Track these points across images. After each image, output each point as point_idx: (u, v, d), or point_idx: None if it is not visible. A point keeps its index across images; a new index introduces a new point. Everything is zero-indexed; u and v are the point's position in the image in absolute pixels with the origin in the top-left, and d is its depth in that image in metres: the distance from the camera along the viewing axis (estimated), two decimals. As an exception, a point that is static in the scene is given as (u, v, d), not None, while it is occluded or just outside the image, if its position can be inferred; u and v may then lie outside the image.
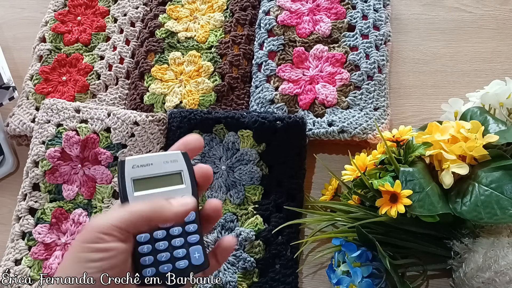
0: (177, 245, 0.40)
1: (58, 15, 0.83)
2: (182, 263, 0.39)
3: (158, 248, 0.40)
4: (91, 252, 0.35)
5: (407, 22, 0.77)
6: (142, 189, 0.40)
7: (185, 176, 0.41)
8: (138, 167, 0.40)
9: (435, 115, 0.68)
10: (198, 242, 0.40)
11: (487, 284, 0.50)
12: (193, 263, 0.40)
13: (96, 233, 0.35)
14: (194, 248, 0.40)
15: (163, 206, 0.38)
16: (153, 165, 0.41)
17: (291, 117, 0.65)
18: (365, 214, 0.55)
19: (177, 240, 0.40)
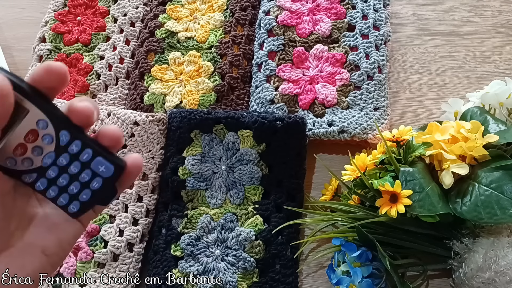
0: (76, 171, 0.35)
1: (58, 15, 0.83)
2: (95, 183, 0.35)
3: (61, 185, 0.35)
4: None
5: (407, 22, 0.77)
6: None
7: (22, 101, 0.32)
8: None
9: (435, 115, 0.68)
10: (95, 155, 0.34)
11: (487, 284, 0.50)
12: (105, 177, 0.35)
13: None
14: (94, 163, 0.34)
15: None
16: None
17: (291, 117, 0.65)
18: (365, 214, 0.55)
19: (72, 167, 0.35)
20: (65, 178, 0.35)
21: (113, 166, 0.35)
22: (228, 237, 0.63)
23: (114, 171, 0.35)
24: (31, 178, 0.35)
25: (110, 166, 0.35)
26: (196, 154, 0.67)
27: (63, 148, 0.34)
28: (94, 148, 0.34)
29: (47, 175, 0.35)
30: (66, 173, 0.35)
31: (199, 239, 0.63)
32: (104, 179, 0.35)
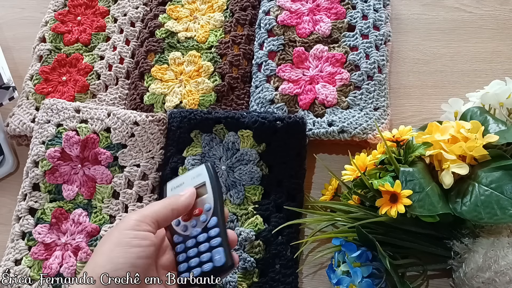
0: (203, 250, 0.46)
1: (58, 15, 0.83)
2: (206, 266, 0.45)
3: (189, 255, 0.47)
4: (133, 238, 0.42)
5: (407, 22, 0.77)
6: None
7: (208, 185, 0.49)
8: (175, 188, 0.51)
9: (435, 115, 0.68)
10: (220, 245, 0.45)
11: (487, 284, 0.50)
12: (215, 265, 0.45)
13: (134, 220, 0.44)
14: (216, 250, 0.45)
15: (177, 198, 0.49)
16: (184, 184, 0.51)
17: (291, 117, 0.65)
18: (365, 214, 0.55)
19: (203, 245, 0.46)
20: (194, 251, 0.47)
21: (225, 260, 0.45)
22: (228, 237, 0.63)
23: (223, 264, 0.44)
24: (178, 240, 0.49)
25: (223, 259, 0.45)
26: (196, 154, 0.67)
27: (207, 229, 0.47)
28: (223, 240, 0.46)
29: (187, 243, 0.48)
30: (197, 248, 0.47)
31: (199, 239, 0.63)
32: (214, 266, 0.45)
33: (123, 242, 0.42)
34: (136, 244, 0.42)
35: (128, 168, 0.68)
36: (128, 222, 0.44)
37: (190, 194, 0.49)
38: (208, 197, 0.49)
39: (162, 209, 0.47)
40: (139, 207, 0.66)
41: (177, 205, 0.48)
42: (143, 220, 0.44)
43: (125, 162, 0.68)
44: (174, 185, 0.51)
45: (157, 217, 0.46)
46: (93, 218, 0.67)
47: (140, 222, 0.44)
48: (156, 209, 0.46)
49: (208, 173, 0.50)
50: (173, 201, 0.48)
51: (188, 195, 0.49)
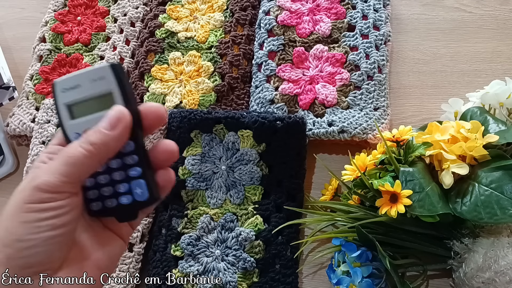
0: (118, 179, 0.37)
1: (58, 15, 0.83)
2: (124, 199, 0.37)
3: (100, 181, 0.37)
4: (39, 211, 0.32)
5: (407, 22, 0.77)
6: (77, 116, 0.37)
7: (117, 97, 0.35)
8: (67, 90, 0.36)
9: (435, 115, 0.68)
10: (140, 176, 0.36)
11: (487, 284, 0.50)
12: (136, 199, 0.36)
13: (45, 193, 0.32)
14: (136, 182, 0.36)
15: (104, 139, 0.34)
16: (81, 87, 0.36)
17: (291, 117, 0.65)
18: (365, 214, 0.55)
19: (117, 173, 0.37)
20: (105, 178, 0.37)
21: (148, 195, 0.36)
22: (228, 237, 0.63)
23: (146, 199, 0.36)
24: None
25: (146, 193, 0.36)
26: (196, 154, 0.67)
27: (121, 154, 0.36)
28: (144, 169, 0.36)
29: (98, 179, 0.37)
30: (108, 175, 0.37)
31: (199, 239, 0.63)
32: (134, 200, 0.37)
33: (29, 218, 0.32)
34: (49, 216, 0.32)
35: (128, 168, 0.68)
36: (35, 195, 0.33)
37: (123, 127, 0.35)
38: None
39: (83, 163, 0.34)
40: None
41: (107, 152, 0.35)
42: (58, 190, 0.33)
43: (125, 162, 0.68)
44: (65, 86, 0.36)
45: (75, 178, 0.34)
46: (93, 218, 0.67)
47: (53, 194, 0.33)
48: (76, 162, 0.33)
49: (115, 78, 0.35)
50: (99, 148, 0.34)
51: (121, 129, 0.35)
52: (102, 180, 0.37)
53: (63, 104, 0.36)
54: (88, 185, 0.37)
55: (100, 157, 0.35)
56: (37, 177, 0.33)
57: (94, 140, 0.34)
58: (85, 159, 0.34)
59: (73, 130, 0.36)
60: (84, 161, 0.34)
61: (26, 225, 0.32)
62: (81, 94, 0.36)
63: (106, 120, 0.34)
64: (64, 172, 0.33)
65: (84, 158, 0.34)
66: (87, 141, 0.34)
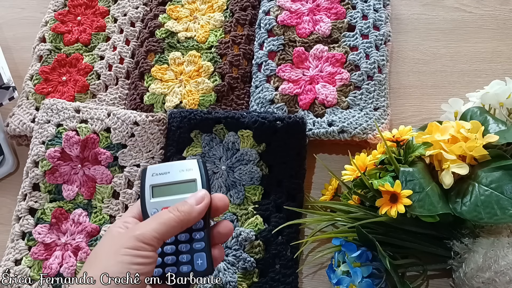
0: (183, 250, 0.43)
1: (58, 15, 0.83)
2: (185, 268, 0.43)
3: (166, 251, 0.43)
4: (135, 257, 0.40)
5: (407, 22, 0.77)
6: (158, 195, 0.45)
7: (199, 183, 0.45)
8: (157, 175, 0.45)
9: (435, 115, 0.68)
10: (203, 249, 0.43)
11: (487, 284, 0.50)
12: (195, 269, 0.42)
13: (140, 242, 0.40)
14: (198, 254, 0.43)
15: (190, 210, 0.43)
16: (170, 173, 0.45)
17: (291, 117, 0.65)
18: (365, 214, 0.55)
19: (183, 245, 0.43)
20: (172, 249, 0.44)
21: (206, 266, 0.43)
22: (228, 237, 0.63)
23: (204, 270, 0.43)
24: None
25: (205, 264, 0.43)
26: (196, 154, 0.67)
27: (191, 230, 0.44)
28: (206, 245, 0.43)
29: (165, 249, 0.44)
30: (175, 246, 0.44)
31: (199, 239, 0.63)
32: (193, 269, 0.43)
33: (125, 260, 0.40)
34: (138, 263, 0.40)
35: (128, 168, 0.68)
36: (134, 243, 0.41)
37: (203, 197, 0.44)
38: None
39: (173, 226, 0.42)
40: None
41: (192, 217, 0.43)
42: (149, 242, 0.41)
43: (125, 162, 0.68)
44: (156, 171, 0.45)
45: (165, 235, 0.42)
46: (93, 218, 0.67)
47: (145, 244, 0.41)
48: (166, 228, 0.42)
49: (200, 170, 0.45)
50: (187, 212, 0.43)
51: (201, 198, 0.44)
52: (168, 250, 0.44)
53: (149, 186, 0.45)
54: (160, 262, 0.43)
55: (184, 223, 0.43)
56: (137, 229, 0.41)
57: (183, 209, 0.43)
58: (173, 222, 0.42)
59: (153, 206, 0.44)
60: (172, 223, 0.42)
61: (121, 265, 0.39)
62: (168, 179, 0.45)
63: (193, 197, 0.44)
64: (156, 230, 0.41)
65: (172, 221, 0.42)
66: (177, 208, 0.43)
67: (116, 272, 0.39)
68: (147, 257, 0.41)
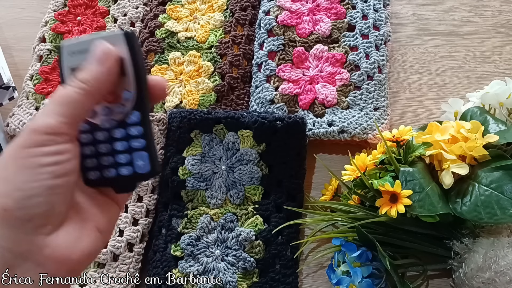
0: (119, 149, 0.36)
1: (58, 15, 0.83)
2: (125, 170, 0.36)
3: (100, 150, 0.36)
4: (40, 156, 0.30)
5: (407, 22, 0.77)
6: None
7: (127, 63, 0.34)
8: (75, 54, 0.35)
9: (435, 115, 0.68)
10: (144, 148, 0.35)
11: (487, 284, 0.50)
12: (137, 171, 0.36)
13: (43, 135, 0.31)
14: (138, 154, 0.36)
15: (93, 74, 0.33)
16: (90, 51, 0.34)
17: (291, 117, 0.65)
18: (365, 214, 0.55)
19: (119, 143, 0.36)
20: (106, 148, 0.36)
21: (150, 169, 0.36)
22: (228, 237, 0.63)
23: (147, 172, 0.36)
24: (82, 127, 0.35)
25: (148, 166, 0.36)
26: (196, 154, 0.67)
27: (125, 124, 0.35)
28: (148, 142, 0.36)
29: (95, 134, 0.36)
30: (109, 144, 0.36)
31: (199, 239, 0.63)
32: (134, 172, 0.36)
33: (28, 164, 0.30)
34: (47, 163, 0.30)
35: (128, 168, 0.68)
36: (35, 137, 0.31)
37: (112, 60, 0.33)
38: (127, 81, 0.35)
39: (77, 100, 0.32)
40: (139, 207, 0.66)
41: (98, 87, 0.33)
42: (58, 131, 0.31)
43: (125, 162, 0.68)
44: (74, 49, 0.35)
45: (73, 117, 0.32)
46: (93, 218, 0.67)
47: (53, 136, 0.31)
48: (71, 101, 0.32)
49: (127, 44, 0.34)
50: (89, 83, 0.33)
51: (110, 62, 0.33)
52: (102, 149, 0.36)
53: (68, 68, 0.35)
54: (87, 153, 0.36)
55: (94, 94, 0.33)
56: (34, 120, 0.31)
57: (85, 77, 0.33)
58: (80, 97, 0.32)
59: None
60: (79, 98, 0.32)
61: (26, 171, 0.30)
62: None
63: (93, 57, 0.33)
64: (61, 112, 0.32)
65: (78, 96, 0.32)
66: (79, 79, 0.33)
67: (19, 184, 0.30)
68: (60, 152, 0.31)
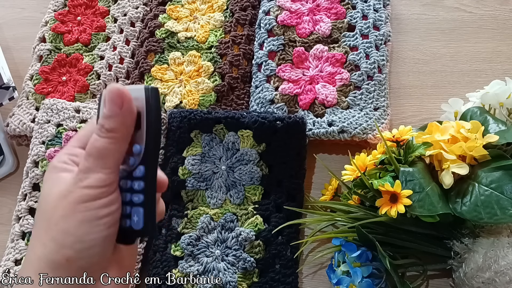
0: (124, 200, 0.36)
1: (58, 15, 0.83)
2: (124, 221, 0.36)
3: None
4: (97, 208, 0.33)
5: (407, 22, 0.77)
6: None
7: (143, 118, 0.35)
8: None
9: (435, 115, 0.68)
10: (141, 204, 0.35)
11: (487, 284, 0.50)
12: (131, 225, 0.36)
13: (97, 189, 0.33)
14: (136, 209, 0.35)
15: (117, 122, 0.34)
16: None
17: (291, 117, 0.65)
18: (365, 214, 0.55)
19: (124, 194, 0.36)
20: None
21: (142, 226, 0.35)
22: (228, 237, 0.63)
23: (140, 229, 0.35)
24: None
25: (141, 223, 0.35)
26: (196, 154, 0.67)
27: (132, 177, 0.36)
28: (146, 199, 0.35)
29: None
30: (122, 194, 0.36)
31: (199, 239, 0.63)
32: (130, 226, 0.36)
33: (88, 217, 0.33)
34: (104, 214, 0.34)
35: (128, 168, 0.68)
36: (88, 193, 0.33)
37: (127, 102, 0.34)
38: (140, 135, 0.35)
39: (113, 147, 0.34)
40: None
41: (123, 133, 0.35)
42: (106, 183, 0.34)
43: (125, 162, 0.68)
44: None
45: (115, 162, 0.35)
46: (93, 218, 0.67)
47: (103, 188, 0.34)
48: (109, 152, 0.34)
49: (146, 99, 0.35)
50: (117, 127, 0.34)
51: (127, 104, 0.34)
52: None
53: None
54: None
55: (124, 139, 0.35)
56: (84, 178, 0.34)
57: (113, 126, 0.34)
58: (114, 146, 0.34)
59: None
60: (114, 147, 0.34)
61: (85, 224, 0.33)
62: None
63: (110, 102, 0.34)
64: (105, 165, 0.34)
65: (112, 145, 0.34)
66: (106, 129, 0.34)
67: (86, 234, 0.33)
68: (111, 203, 0.34)
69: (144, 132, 0.35)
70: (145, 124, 0.35)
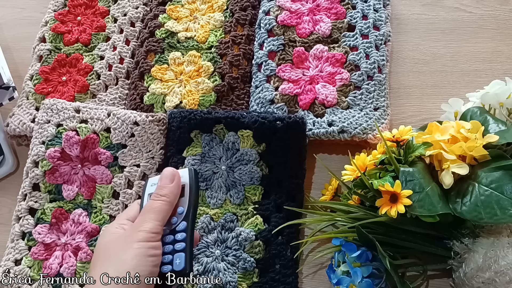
0: (166, 251, 0.46)
1: (58, 15, 0.83)
2: (165, 268, 0.45)
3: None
4: (148, 248, 0.44)
5: (407, 22, 0.77)
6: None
7: (186, 189, 0.49)
8: (154, 184, 0.50)
9: (435, 115, 0.68)
10: (183, 250, 0.46)
11: (487, 284, 0.50)
12: (174, 268, 0.45)
13: (150, 233, 0.45)
14: (178, 255, 0.46)
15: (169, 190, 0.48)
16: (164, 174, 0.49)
17: (291, 117, 0.65)
18: (365, 214, 0.55)
19: (167, 247, 0.46)
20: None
21: (184, 266, 0.45)
22: (228, 237, 0.63)
23: (182, 269, 0.45)
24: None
25: (183, 264, 0.45)
26: (196, 154, 0.67)
27: (174, 231, 0.47)
28: (187, 246, 0.46)
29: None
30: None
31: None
32: (172, 269, 0.45)
33: (141, 252, 0.44)
34: (152, 254, 0.45)
35: (128, 168, 0.68)
36: (144, 235, 0.45)
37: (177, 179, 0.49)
38: (183, 201, 0.49)
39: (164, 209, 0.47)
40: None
41: (173, 200, 0.48)
42: (156, 231, 0.46)
43: (125, 162, 0.68)
44: (154, 182, 0.50)
45: (163, 222, 0.47)
46: (93, 218, 0.67)
47: (152, 234, 0.45)
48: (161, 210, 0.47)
49: (189, 176, 0.50)
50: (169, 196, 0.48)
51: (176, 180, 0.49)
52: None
53: (147, 194, 0.49)
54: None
55: (172, 203, 0.48)
56: (140, 226, 0.46)
57: (165, 192, 0.48)
58: (165, 206, 0.47)
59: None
60: (165, 207, 0.47)
61: (138, 257, 0.44)
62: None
63: (165, 178, 0.49)
64: (157, 218, 0.46)
65: (164, 206, 0.47)
66: (161, 195, 0.48)
67: (134, 266, 0.43)
68: (158, 247, 0.45)
69: (187, 198, 0.49)
70: (188, 193, 0.49)
